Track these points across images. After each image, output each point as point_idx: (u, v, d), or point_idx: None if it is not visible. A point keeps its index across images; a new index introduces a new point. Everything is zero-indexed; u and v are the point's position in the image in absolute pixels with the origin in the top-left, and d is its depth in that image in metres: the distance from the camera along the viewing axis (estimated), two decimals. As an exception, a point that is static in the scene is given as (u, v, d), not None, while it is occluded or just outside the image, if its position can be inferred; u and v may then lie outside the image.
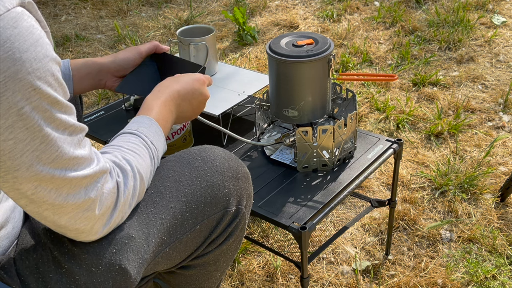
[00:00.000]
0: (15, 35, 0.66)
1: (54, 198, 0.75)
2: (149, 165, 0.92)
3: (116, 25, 3.41)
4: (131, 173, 0.87)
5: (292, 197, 1.22)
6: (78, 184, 0.77)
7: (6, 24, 0.66)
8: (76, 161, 0.76)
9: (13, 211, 0.90)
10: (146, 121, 0.98)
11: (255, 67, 2.84)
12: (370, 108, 2.39)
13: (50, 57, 0.71)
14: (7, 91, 0.66)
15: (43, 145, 0.71)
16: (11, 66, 0.66)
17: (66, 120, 0.74)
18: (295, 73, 1.25)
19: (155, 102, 1.03)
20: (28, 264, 0.84)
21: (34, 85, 0.68)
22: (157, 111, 1.01)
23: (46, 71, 0.70)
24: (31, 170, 0.71)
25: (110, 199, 0.82)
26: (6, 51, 0.65)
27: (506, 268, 1.59)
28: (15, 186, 0.72)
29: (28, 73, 0.67)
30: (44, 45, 0.70)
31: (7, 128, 0.68)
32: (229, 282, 1.60)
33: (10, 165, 0.70)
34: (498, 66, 2.71)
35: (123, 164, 0.87)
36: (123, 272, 0.85)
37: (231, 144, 1.43)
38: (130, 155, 0.89)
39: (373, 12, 3.39)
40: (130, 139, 0.92)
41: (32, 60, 0.68)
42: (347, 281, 1.59)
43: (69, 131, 0.75)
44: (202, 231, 0.98)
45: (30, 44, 0.68)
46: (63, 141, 0.74)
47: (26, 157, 0.70)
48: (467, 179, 1.90)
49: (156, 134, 0.97)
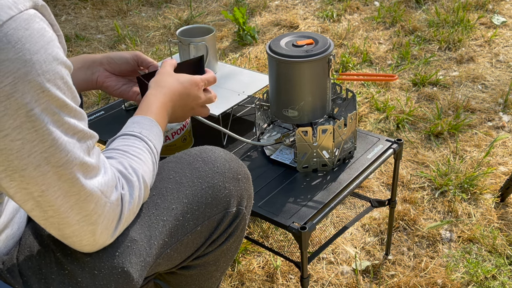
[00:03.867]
0: (26, 36, 0.66)
1: (60, 204, 0.75)
2: (151, 170, 0.92)
3: (116, 25, 3.41)
4: (137, 184, 0.86)
5: (292, 197, 1.22)
6: (86, 194, 0.76)
7: (18, 25, 0.66)
8: (86, 167, 0.76)
9: (19, 211, 0.90)
10: (148, 123, 0.97)
11: (255, 67, 2.84)
12: (370, 108, 2.39)
13: (60, 60, 0.71)
14: (17, 92, 0.66)
15: (52, 148, 0.71)
16: (21, 67, 0.66)
17: (75, 125, 0.74)
18: (295, 73, 1.25)
19: (154, 103, 1.02)
20: (30, 264, 0.84)
21: (43, 87, 0.68)
22: (156, 112, 1.01)
23: (56, 73, 0.70)
24: (38, 170, 0.71)
25: (113, 212, 0.81)
26: (17, 52, 0.66)
27: (506, 268, 1.59)
28: (22, 186, 0.72)
29: (37, 75, 0.67)
30: (54, 48, 0.70)
31: (15, 128, 0.68)
32: (229, 282, 1.60)
33: (17, 164, 0.70)
34: (498, 66, 2.71)
35: (129, 174, 0.86)
36: (126, 275, 0.85)
37: (231, 144, 1.43)
38: (136, 162, 0.88)
39: (373, 12, 3.39)
40: (134, 143, 0.92)
41: (42, 62, 0.68)
42: (347, 281, 1.59)
43: (79, 137, 0.75)
44: (203, 232, 0.98)
45: (40, 46, 0.68)
46: (72, 146, 0.74)
47: (33, 157, 0.70)
48: (467, 179, 1.90)
49: (157, 136, 0.97)
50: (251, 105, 1.56)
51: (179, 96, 1.06)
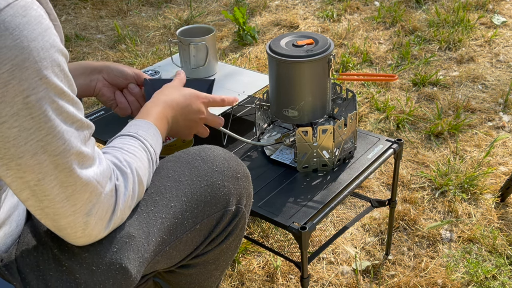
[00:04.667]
0: (23, 23, 0.67)
1: (56, 194, 0.75)
2: (147, 167, 0.92)
3: (116, 25, 3.41)
4: (131, 176, 0.87)
5: (292, 197, 1.22)
6: (82, 184, 0.77)
7: (16, 12, 0.66)
8: (82, 157, 0.76)
9: (17, 208, 0.90)
10: (145, 125, 0.98)
11: (255, 67, 2.84)
12: (370, 108, 2.39)
13: (57, 48, 0.71)
14: (14, 79, 0.66)
15: (49, 136, 0.71)
16: (19, 54, 0.66)
17: (73, 113, 0.74)
18: (295, 73, 1.25)
19: (153, 109, 1.04)
20: (28, 261, 0.84)
21: (41, 74, 0.68)
22: (156, 117, 1.02)
23: (53, 61, 0.70)
24: (35, 159, 0.71)
25: (107, 203, 0.82)
26: (15, 39, 0.66)
27: (506, 268, 1.59)
28: (19, 174, 0.72)
29: (35, 62, 0.67)
30: (51, 35, 0.70)
31: (12, 115, 0.68)
32: (229, 282, 1.60)
33: (14, 152, 0.70)
34: (498, 66, 2.71)
35: (124, 166, 0.86)
36: (124, 271, 0.85)
37: (231, 144, 1.43)
38: (130, 157, 0.89)
39: (373, 12, 3.39)
40: (129, 142, 0.93)
41: (40, 49, 0.68)
42: (347, 281, 1.59)
43: (77, 126, 0.75)
44: (202, 230, 0.98)
45: (38, 33, 0.68)
46: (70, 134, 0.74)
47: (30, 145, 0.70)
48: (467, 179, 1.90)
49: (154, 137, 0.98)
50: (251, 105, 1.56)
51: (179, 105, 1.08)
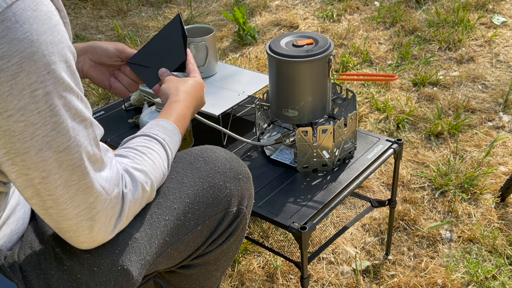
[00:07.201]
0: (34, 17, 0.67)
1: (60, 194, 0.74)
2: (161, 177, 0.92)
3: (116, 25, 3.41)
4: (145, 186, 0.86)
5: (292, 197, 1.22)
6: (86, 185, 0.76)
7: (27, 6, 0.67)
8: (90, 157, 0.75)
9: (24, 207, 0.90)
10: (171, 129, 0.97)
11: (255, 67, 2.84)
12: (370, 108, 2.39)
13: (65, 44, 0.71)
14: (22, 72, 0.66)
15: (55, 132, 0.71)
16: (28, 47, 0.66)
17: (82, 111, 0.74)
18: (295, 73, 1.25)
19: (174, 105, 1.03)
20: (30, 260, 0.84)
21: (49, 68, 0.68)
22: (179, 113, 1.02)
23: (61, 56, 0.70)
24: (40, 155, 0.70)
25: (112, 210, 0.81)
26: (24, 32, 0.66)
27: (506, 268, 1.59)
28: (23, 171, 0.71)
29: (43, 56, 0.68)
30: (60, 31, 0.70)
31: (19, 109, 0.67)
32: (229, 282, 1.60)
33: (19, 147, 0.69)
34: (498, 66, 2.71)
35: (138, 176, 0.85)
36: (125, 273, 0.85)
37: (231, 144, 1.43)
38: (150, 166, 0.88)
39: (373, 12, 3.39)
40: (154, 147, 0.91)
41: (49, 43, 0.68)
42: (347, 281, 1.59)
43: (85, 125, 0.75)
44: (204, 231, 0.98)
45: (47, 27, 0.68)
46: (77, 132, 0.73)
47: (36, 141, 0.70)
48: (467, 179, 1.90)
49: (176, 145, 0.98)
50: (251, 105, 1.56)
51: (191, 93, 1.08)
